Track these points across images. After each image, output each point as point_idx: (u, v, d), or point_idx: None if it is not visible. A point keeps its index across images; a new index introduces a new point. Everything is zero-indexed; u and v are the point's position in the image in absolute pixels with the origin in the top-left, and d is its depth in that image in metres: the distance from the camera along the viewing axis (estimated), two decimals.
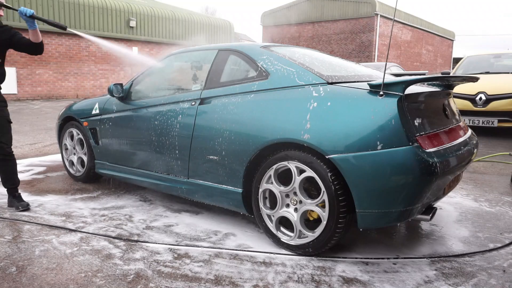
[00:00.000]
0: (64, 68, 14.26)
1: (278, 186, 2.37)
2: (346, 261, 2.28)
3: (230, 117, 2.56)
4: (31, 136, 6.63)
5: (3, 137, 3.05)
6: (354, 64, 3.07)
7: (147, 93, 3.35)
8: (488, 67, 7.64)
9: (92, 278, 2.04)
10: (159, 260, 2.26)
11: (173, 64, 3.45)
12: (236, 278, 2.07)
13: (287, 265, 2.22)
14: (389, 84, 2.08)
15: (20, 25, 12.58)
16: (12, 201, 3.13)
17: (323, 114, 2.19)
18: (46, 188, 3.70)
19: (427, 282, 2.05)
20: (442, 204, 3.31)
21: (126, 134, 3.29)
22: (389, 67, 10.16)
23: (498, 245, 2.52)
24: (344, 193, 2.13)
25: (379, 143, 2.02)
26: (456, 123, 2.63)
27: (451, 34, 30.83)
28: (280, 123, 2.32)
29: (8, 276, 2.06)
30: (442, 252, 2.41)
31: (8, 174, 3.13)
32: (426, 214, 2.24)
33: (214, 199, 2.76)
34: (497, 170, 4.56)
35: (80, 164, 3.89)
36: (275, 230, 2.42)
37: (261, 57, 2.65)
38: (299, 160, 2.25)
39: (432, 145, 2.14)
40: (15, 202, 3.10)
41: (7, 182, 3.14)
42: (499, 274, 2.14)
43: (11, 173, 3.14)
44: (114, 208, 3.19)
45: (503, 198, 3.51)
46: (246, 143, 2.45)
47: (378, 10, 21.49)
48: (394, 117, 2.03)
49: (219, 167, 2.62)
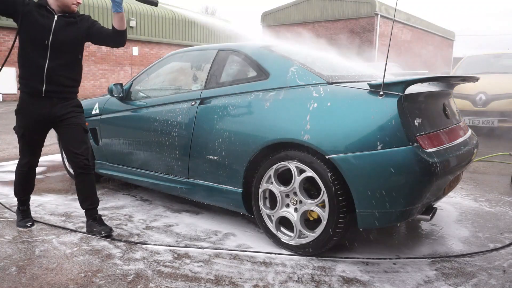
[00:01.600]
0: None
1: (278, 186, 2.37)
2: (346, 261, 2.28)
3: (230, 117, 2.56)
4: None
5: (79, 148, 2.55)
6: (354, 64, 3.07)
7: (147, 93, 3.35)
8: (488, 67, 7.64)
9: (92, 278, 2.04)
10: (159, 260, 2.26)
11: (173, 64, 3.45)
12: (236, 278, 2.07)
13: (287, 265, 2.22)
14: (389, 84, 2.08)
15: None
16: (92, 224, 2.61)
17: (323, 114, 2.19)
18: (46, 188, 3.70)
19: (427, 282, 2.05)
20: (442, 204, 3.30)
21: (126, 134, 3.29)
22: (389, 67, 10.15)
23: (498, 245, 2.52)
24: (344, 193, 2.13)
25: (379, 143, 2.02)
26: (456, 123, 2.63)
27: (451, 34, 30.82)
28: (280, 123, 2.32)
29: (8, 276, 2.06)
30: (442, 252, 2.41)
31: (86, 192, 2.63)
32: (426, 214, 2.24)
33: (214, 199, 2.76)
34: (497, 170, 4.56)
35: None
36: (275, 230, 2.42)
37: (261, 57, 2.64)
38: (299, 160, 2.25)
39: (432, 145, 2.14)
40: (96, 227, 2.59)
41: (85, 202, 2.64)
42: (499, 274, 2.14)
43: (90, 190, 2.63)
44: (114, 208, 3.19)
45: (503, 198, 3.51)
46: (246, 143, 2.45)
47: (378, 10, 21.47)
48: (394, 117, 2.03)
49: (219, 167, 2.62)
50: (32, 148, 2.63)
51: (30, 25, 2.40)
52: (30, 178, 2.73)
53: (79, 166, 2.56)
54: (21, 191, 2.75)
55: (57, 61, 2.46)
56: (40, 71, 2.43)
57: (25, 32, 2.42)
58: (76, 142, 2.56)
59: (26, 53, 2.45)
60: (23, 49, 2.45)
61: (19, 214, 2.78)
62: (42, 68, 2.43)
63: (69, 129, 2.57)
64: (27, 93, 2.50)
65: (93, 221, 2.62)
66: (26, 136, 2.56)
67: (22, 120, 2.54)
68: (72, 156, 2.56)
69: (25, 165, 2.65)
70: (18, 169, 2.69)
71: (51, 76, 2.46)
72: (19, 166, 2.68)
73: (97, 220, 2.63)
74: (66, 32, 2.47)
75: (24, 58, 2.46)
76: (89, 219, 2.64)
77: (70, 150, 2.56)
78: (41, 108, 2.50)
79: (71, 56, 2.53)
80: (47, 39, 2.41)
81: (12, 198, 3.34)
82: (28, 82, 2.48)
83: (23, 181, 2.73)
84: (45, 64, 2.43)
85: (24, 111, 2.52)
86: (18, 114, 2.55)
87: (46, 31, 2.41)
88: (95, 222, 2.62)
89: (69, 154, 2.58)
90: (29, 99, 2.50)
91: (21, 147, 2.63)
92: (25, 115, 2.53)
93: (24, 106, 2.52)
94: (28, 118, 2.52)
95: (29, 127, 2.54)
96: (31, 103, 2.50)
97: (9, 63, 13.89)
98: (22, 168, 2.67)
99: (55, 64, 2.45)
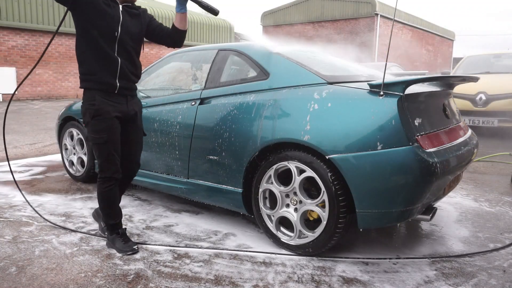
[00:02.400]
0: (64, 68, 14.26)
1: (278, 186, 2.37)
2: (346, 261, 2.28)
3: (230, 117, 2.56)
4: (31, 136, 6.63)
5: (137, 155, 2.43)
6: (354, 64, 3.07)
7: (147, 93, 3.35)
8: (488, 67, 7.64)
9: (92, 278, 2.04)
10: (159, 260, 2.26)
11: (173, 64, 3.45)
12: (236, 278, 2.07)
13: (287, 265, 2.22)
14: (389, 84, 2.08)
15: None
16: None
17: (323, 114, 2.19)
18: (46, 188, 3.70)
19: (427, 282, 2.05)
20: (442, 204, 3.30)
21: None
22: (389, 67, 10.15)
23: (498, 245, 2.52)
24: (344, 193, 2.13)
25: (379, 143, 2.02)
26: (456, 123, 2.63)
27: (451, 34, 30.82)
28: (280, 123, 2.32)
29: (8, 276, 2.06)
30: (442, 252, 2.41)
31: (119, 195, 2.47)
32: (426, 214, 2.24)
33: (214, 199, 2.75)
34: (497, 170, 4.56)
35: (80, 164, 3.89)
36: (275, 230, 2.42)
37: (261, 57, 2.64)
38: (299, 160, 2.25)
39: (432, 145, 2.14)
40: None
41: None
42: (499, 274, 2.14)
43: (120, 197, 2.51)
44: None
45: (503, 198, 3.51)
46: (246, 143, 2.45)
47: (378, 10, 21.47)
48: (394, 117, 2.03)
49: (219, 167, 2.61)
50: (117, 154, 2.30)
51: (98, 15, 2.16)
52: (117, 194, 2.37)
53: (129, 176, 2.46)
54: (113, 214, 2.37)
55: (124, 55, 2.27)
56: (114, 66, 2.23)
57: (91, 23, 2.16)
58: (137, 150, 2.45)
59: (97, 46, 2.19)
60: (92, 41, 2.19)
61: (117, 239, 2.36)
62: (116, 62, 2.23)
63: (135, 131, 2.41)
64: (100, 90, 2.24)
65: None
66: (110, 141, 2.25)
67: (103, 122, 2.23)
68: (129, 164, 2.42)
69: (111, 177, 2.29)
70: (104, 187, 2.30)
71: (123, 71, 2.27)
72: (104, 183, 2.30)
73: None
74: (132, 24, 2.30)
75: (95, 51, 2.20)
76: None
77: (128, 155, 2.40)
78: (119, 106, 2.28)
79: (135, 51, 2.34)
80: (116, 31, 2.21)
81: (11, 198, 3.35)
82: (101, 77, 2.22)
83: (113, 200, 2.36)
84: (118, 58, 2.24)
85: (102, 111, 2.22)
86: (97, 117, 2.22)
87: (115, 22, 2.21)
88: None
89: (125, 160, 2.39)
90: (104, 97, 2.24)
91: (105, 157, 2.26)
92: (105, 116, 2.23)
93: (102, 107, 2.22)
94: (108, 119, 2.24)
95: (112, 129, 2.25)
96: (107, 101, 2.24)
97: (9, 63, 13.81)
98: (109, 183, 2.29)
99: (123, 58, 2.27)
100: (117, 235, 2.37)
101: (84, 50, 2.22)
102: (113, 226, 2.38)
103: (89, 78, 2.25)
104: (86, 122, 2.28)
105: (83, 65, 2.25)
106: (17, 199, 3.32)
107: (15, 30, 12.72)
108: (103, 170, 2.29)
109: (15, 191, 3.56)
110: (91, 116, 2.23)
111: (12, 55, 12.76)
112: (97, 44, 2.19)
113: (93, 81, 2.24)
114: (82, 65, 2.25)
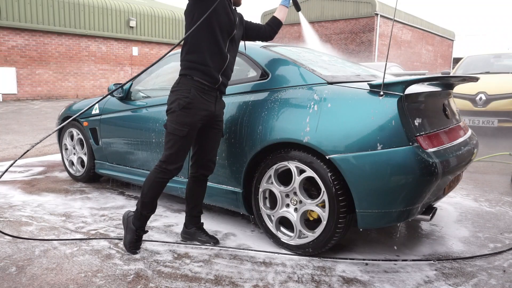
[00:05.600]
0: (64, 68, 14.26)
1: (278, 186, 2.37)
2: (346, 261, 2.28)
3: (230, 117, 2.56)
4: (31, 136, 6.63)
5: (215, 156, 2.48)
6: (354, 64, 3.07)
7: (147, 93, 3.35)
8: (488, 67, 7.64)
9: (92, 278, 2.04)
10: (159, 260, 2.26)
11: (173, 64, 3.44)
12: (236, 278, 2.07)
13: (287, 265, 2.22)
14: (389, 84, 2.08)
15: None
16: (197, 233, 2.54)
17: (323, 114, 2.19)
18: (46, 188, 3.70)
19: (427, 282, 2.05)
20: (442, 204, 3.31)
21: (126, 134, 3.29)
22: (389, 67, 10.15)
23: (498, 245, 2.52)
24: (344, 193, 2.13)
25: (379, 143, 2.02)
26: (456, 123, 2.63)
27: (451, 34, 30.82)
28: (280, 123, 2.32)
29: (8, 276, 2.06)
30: (442, 252, 2.41)
31: (200, 198, 2.55)
32: (426, 214, 2.24)
33: (214, 199, 2.75)
34: (497, 170, 4.56)
35: (80, 164, 3.89)
36: (275, 230, 2.42)
37: (261, 57, 2.64)
38: (299, 160, 2.25)
39: (432, 145, 2.14)
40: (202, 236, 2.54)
41: (195, 208, 2.56)
42: (499, 274, 2.14)
43: (202, 197, 2.57)
44: (114, 208, 3.19)
45: (503, 198, 3.51)
46: (246, 143, 2.45)
47: (378, 10, 21.48)
48: (394, 117, 2.03)
49: (219, 167, 2.61)
50: (188, 152, 2.30)
51: (223, 11, 2.25)
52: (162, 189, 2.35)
53: (205, 174, 2.47)
54: (150, 205, 2.34)
55: (232, 53, 2.36)
56: (222, 61, 2.28)
57: (216, 17, 2.22)
58: (215, 150, 2.46)
59: (214, 39, 2.23)
60: (211, 33, 2.22)
61: (134, 233, 2.35)
62: (225, 58, 2.29)
63: (215, 134, 2.41)
64: (201, 82, 2.24)
65: (198, 229, 2.55)
66: (189, 137, 2.24)
67: (189, 116, 2.22)
68: (207, 162, 2.44)
69: (172, 172, 2.27)
70: (159, 176, 2.28)
71: (227, 68, 2.33)
72: (161, 173, 2.27)
73: (202, 229, 2.56)
74: (240, 26, 2.45)
75: (211, 44, 2.23)
76: (192, 227, 2.54)
77: (206, 155, 2.42)
78: (209, 105, 2.29)
79: (235, 52, 2.43)
80: (233, 29, 2.33)
81: (10, 198, 3.35)
82: (209, 69, 2.24)
83: (159, 193, 2.33)
84: (228, 54, 2.30)
85: (193, 106, 2.22)
86: (186, 109, 2.21)
87: (232, 23, 2.31)
88: (200, 231, 2.54)
89: (203, 158, 2.43)
90: (199, 92, 2.24)
91: (176, 150, 2.24)
92: (194, 111, 2.23)
93: (194, 101, 2.23)
94: (196, 114, 2.24)
95: (194, 126, 2.25)
96: (200, 97, 2.24)
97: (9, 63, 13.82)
98: (166, 176, 2.28)
99: (231, 56, 2.35)
100: (137, 230, 2.35)
101: (201, 41, 2.23)
102: (141, 217, 2.35)
103: (197, 67, 2.24)
104: (171, 110, 2.25)
105: (193, 54, 2.25)
106: (16, 199, 3.32)
107: (15, 30, 12.73)
108: (167, 162, 2.25)
109: (14, 190, 3.56)
110: (181, 106, 2.21)
111: (12, 55, 12.76)
112: (215, 38, 2.23)
113: (200, 70, 2.24)
114: (192, 53, 2.25)
